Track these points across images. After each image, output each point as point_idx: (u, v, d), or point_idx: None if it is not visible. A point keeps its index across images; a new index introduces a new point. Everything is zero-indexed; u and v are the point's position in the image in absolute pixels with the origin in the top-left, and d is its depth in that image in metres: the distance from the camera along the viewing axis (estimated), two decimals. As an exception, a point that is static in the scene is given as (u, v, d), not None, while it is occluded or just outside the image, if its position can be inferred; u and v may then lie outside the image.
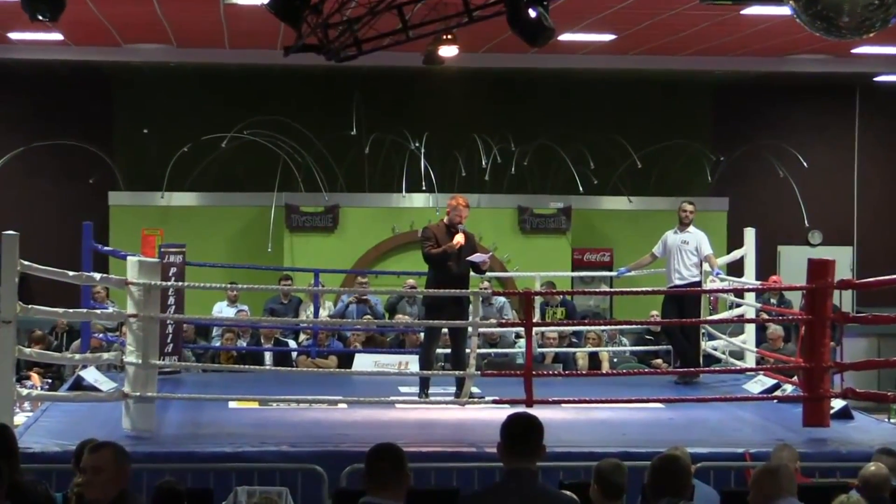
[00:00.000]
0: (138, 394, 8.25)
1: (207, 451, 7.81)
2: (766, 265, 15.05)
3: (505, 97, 17.17)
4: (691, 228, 11.21)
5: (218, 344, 13.03)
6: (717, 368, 11.50)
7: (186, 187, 16.17)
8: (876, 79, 16.52)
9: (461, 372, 9.23)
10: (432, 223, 9.87)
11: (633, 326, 13.57)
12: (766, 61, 15.72)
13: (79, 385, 9.66)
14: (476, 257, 9.51)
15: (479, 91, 16.92)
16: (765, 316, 12.29)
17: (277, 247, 15.65)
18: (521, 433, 4.50)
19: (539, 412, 5.02)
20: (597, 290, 15.24)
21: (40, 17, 8.10)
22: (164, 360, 10.30)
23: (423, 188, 15.69)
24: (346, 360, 12.31)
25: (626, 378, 10.85)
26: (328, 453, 7.82)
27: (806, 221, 16.81)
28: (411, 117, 16.54)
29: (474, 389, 9.35)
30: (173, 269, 10.92)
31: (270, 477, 7.53)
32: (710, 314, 11.99)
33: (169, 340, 10.84)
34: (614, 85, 17.00)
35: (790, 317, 12.00)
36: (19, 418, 8.64)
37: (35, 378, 11.95)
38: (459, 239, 9.49)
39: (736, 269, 12.67)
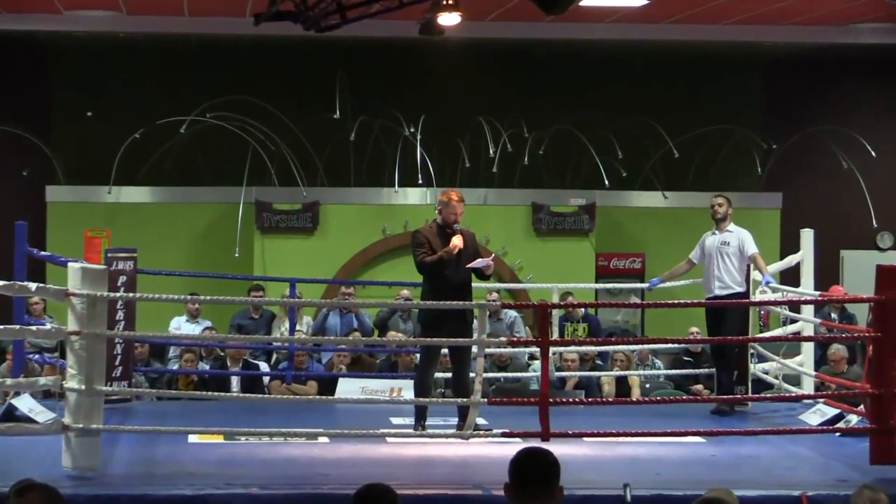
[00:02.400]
0: (81, 426, 8.25)
1: (163, 494, 7.80)
2: (827, 273, 15.07)
3: (516, 74, 17.19)
4: (731, 226, 11.20)
5: (176, 367, 13.03)
6: (769, 395, 11.49)
7: (138, 181, 16.19)
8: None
9: (464, 400, 9.22)
10: (423, 226, 9.86)
11: (669, 346, 13.57)
12: (825, 31, 15.74)
13: (10, 415, 9.65)
14: (478, 263, 9.51)
15: (486, 67, 16.94)
16: (825, 333, 12.28)
17: (246, 251, 15.66)
18: (535, 472, 4.50)
19: (556, 447, 5.02)
20: (625, 302, 15.23)
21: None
22: (111, 385, 10.29)
23: (420, 182, 15.71)
24: (327, 386, 12.32)
25: (661, 407, 10.83)
26: (306, 497, 7.81)
27: (874, 221, 16.83)
28: (405, 98, 16.56)
29: (480, 420, 9.34)
30: (123, 278, 10.91)
31: (238, 524, 7.52)
32: (760, 331, 11.98)
33: (117, 363, 10.82)
34: (646, 59, 17.02)
35: (855, 334, 11.99)
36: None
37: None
38: (457, 242, 9.49)
39: (791, 277, 12.66)
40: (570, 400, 11.17)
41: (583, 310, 13.67)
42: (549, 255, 15.95)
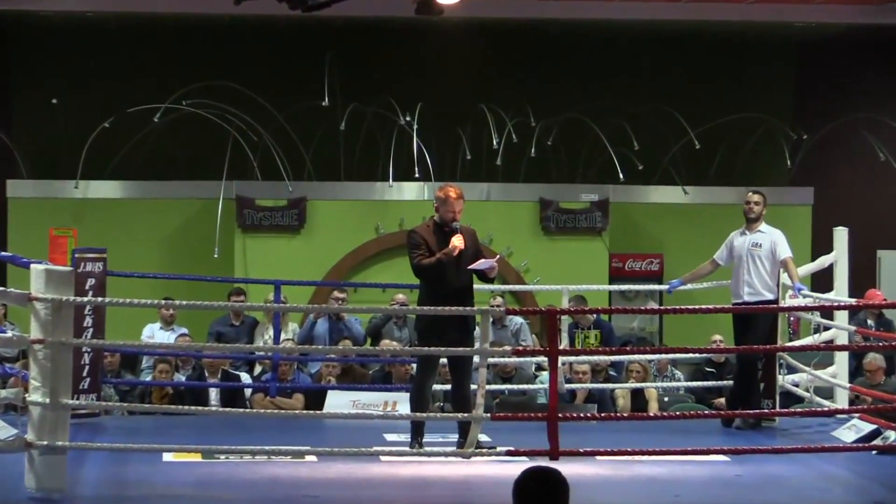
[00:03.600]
0: (45, 443, 8.25)
1: (135, 518, 7.80)
2: (863, 276, 15.07)
3: (522, 57, 17.19)
4: (763, 226, 11.21)
5: (149, 378, 13.03)
6: (799, 409, 11.50)
7: (108, 175, 16.18)
8: None
9: (465, 414, 9.23)
10: (419, 225, 9.86)
11: (690, 355, 13.57)
12: (862, 10, 15.74)
13: (-32, 432, 9.64)
14: (481, 264, 9.50)
15: (489, 49, 16.93)
16: (861, 342, 12.28)
17: (226, 252, 15.66)
18: (542, 494, 4.50)
19: (565, 467, 5.03)
20: (642, 307, 15.21)
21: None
22: (78, 399, 10.28)
23: (416, 175, 15.71)
24: (315, 399, 12.31)
25: (681, 423, 10.84)
26: (292, 520, 7.81)
27: (914, 219, 16.87)
28: (401, 84, 16.55)
29: (482, 437, 9.35)
30: (91, 281, 10.92)
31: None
32: (790, 339, 11.98)
33: (85, 374, 10.83)
34: (665, 41, 17.02)
35: (894, 343, 12.00)
36: None
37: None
38: (457, 242, 9.48)
39: (823, 280, 12.66)
40: (582, 415, 11.16)
41: (594, 316, 13.66)
42: (558, 255, 15.94)
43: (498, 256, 9.91)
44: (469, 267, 9.49)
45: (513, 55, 17.10)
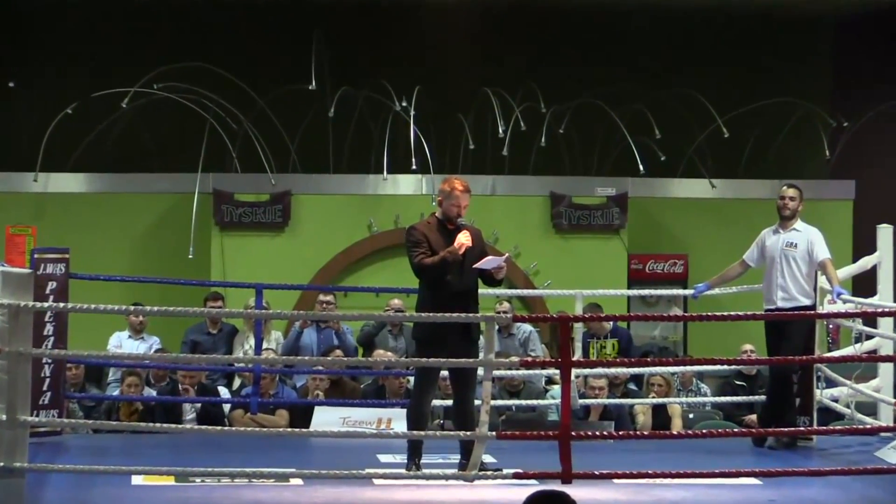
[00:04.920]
0: (2, 464, 8.25)
1: (101, 548, 7.81)
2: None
3: (531, 36, 17.18)
4: (799, 224, 11.21)
5: (116, 392, 13.02)
6: (838, 427, 11.49)
7: (70, 167, 16.18)
8: None
9: (468, 433, 9.23)
10: (419, 222, 9.85)
11: (718, 367, 13.56)
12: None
13: (-85, 452, 9.64)
14: (487, 262, 9.48)
15: (495, 27, 16.94)
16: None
17: (203, 252, 15.66)
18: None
19: (579, 491, 5.04)
20: (664, 314, 15.20)
21: None
22: (38, 415, 10.26)
23: (414, 167, 15.71)
24: (301, 416, 12.32)
25: (707, 442, 10.82)
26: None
27: (966, 215, 16.85)
28: (396, 65, 16.55)
29: (487, 458, 9.35)
30: (52, 285, 10.91)
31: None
32: (828, 350, 11.98)
33: (46, 387, 10.80)
34: (690, 18, 17.01)
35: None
36: None
37: None
38: (464, 239, 9.47)
39: (865, 284, 12.65)
40: (597, 433, 11.17)
41: (612, 323, 13.66)
42: (570, 256, 15.94)
43: (506, 255, 9.89)
44: (475, 266, 9.46)
45: (520, 33, 17.09)
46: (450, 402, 10.22)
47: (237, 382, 13.46)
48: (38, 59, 16.73)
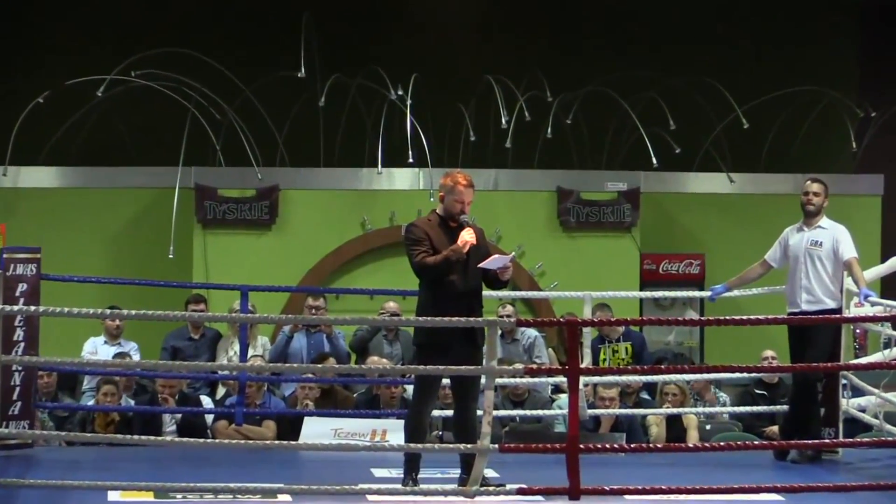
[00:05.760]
0: (-32, 479, 8.25)
1: (75, 569, 7.81)
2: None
3: (536, 20, 17.18)
4: (824, 221, 11.21)
5: (91, 402, 13.02)
6: (866, 439, 11.49)
7: (42, 160, 16.17)
8: None
9: (469, 445, 9.23)
10: (419, 219, 9.84)
11: (737, 375, 13.57)
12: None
13: None
14: (492, 262, 9.47)
15: (497, 9, 16.93)
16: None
17: (184, 251, 15.66)
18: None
19: (589, 507, 5.04)
20: (679, 318, 15.20)
21: None
22: (7, 426, 10.26)
23: (410, 160, 15.71)
24: (290, 427, 12.32)
25: (725, 455, 10.84)
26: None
27: None
28: (391, 51, 16.55)
29: (489, 473, 9.35)
30: (23, 286, 10.89)
31: None
32: (856, 356, 11.98)
33: (16, 396, 10.80)
34: (707, 0, 17.00)
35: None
36: None
37: None
38: (468, 237, 9.46)
39: (894, 285, 12.68)
40: (607, 446, 11.17)
41: (623, 327, 13.65)
42: (578, 256, 15.94)
43: (512, 255, 9.88)
44: (480, 265, 9.44)
45: (525, 16, 17.10)
46: (449, 412, 10.22)
47: (221, 391, 13.46)
48: (6, 46, 16.72)
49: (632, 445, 11.51)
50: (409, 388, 10.81)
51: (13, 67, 16.49)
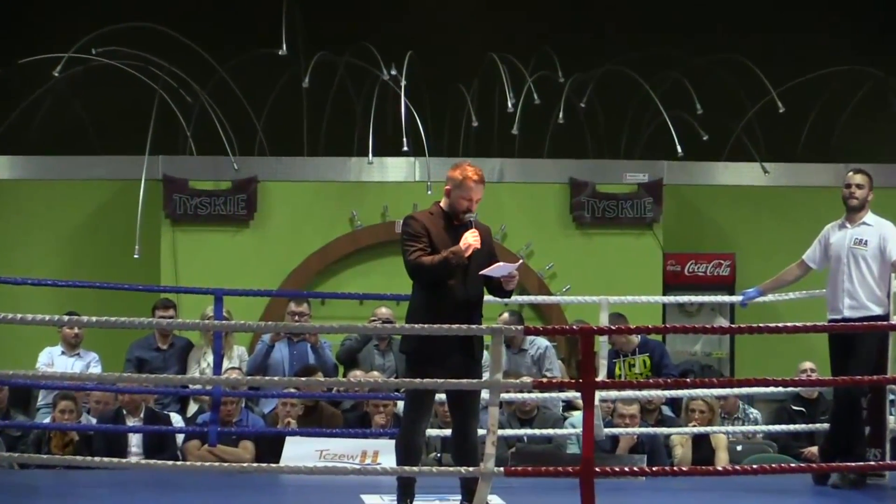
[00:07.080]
0: None
1: None
2: None
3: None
4: (869, 217, 11.21)
5: (47, 420, 13.04)
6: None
7: (-7, 148, 16.23)
8: None
9: (470, 468, 9.24)
10: (419, 212, 9.84)
11: (771, 389, 13.57)
12: None
13: None
14: (497, 269, 9.47)
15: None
16: None
17: (151, 251, 15.67)
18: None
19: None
20: (707, 326, 15.20)
21: None
22: (-48, 447, 10.28)
23: (405, 149, 15.71)
24: (269, 448, 12.33)
25: (759, 479, 10.86)
26: None
27: None
28: (383, 26, 16.56)
29: (493, 499, 9.36)
30: (-31, 290, 10.94)
31: None
32: (903, 368, 11.98)
33: (-38, 414, 10.84)
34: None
35: None
36: None
37: None
38: (472, 239, 9.44)
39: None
40: (626, 469, 11.18)
41: (639, 336, 13.66)
42: (594, 255, 15.96)
43: (520, 262, 9.86)
44: (482, 272, 9.43)
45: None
46: (448, 432, 10.23)
47: (192, 408, 13.47)
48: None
49: (653, 468, 11.53)
50: (403, 405, 10.81)
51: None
